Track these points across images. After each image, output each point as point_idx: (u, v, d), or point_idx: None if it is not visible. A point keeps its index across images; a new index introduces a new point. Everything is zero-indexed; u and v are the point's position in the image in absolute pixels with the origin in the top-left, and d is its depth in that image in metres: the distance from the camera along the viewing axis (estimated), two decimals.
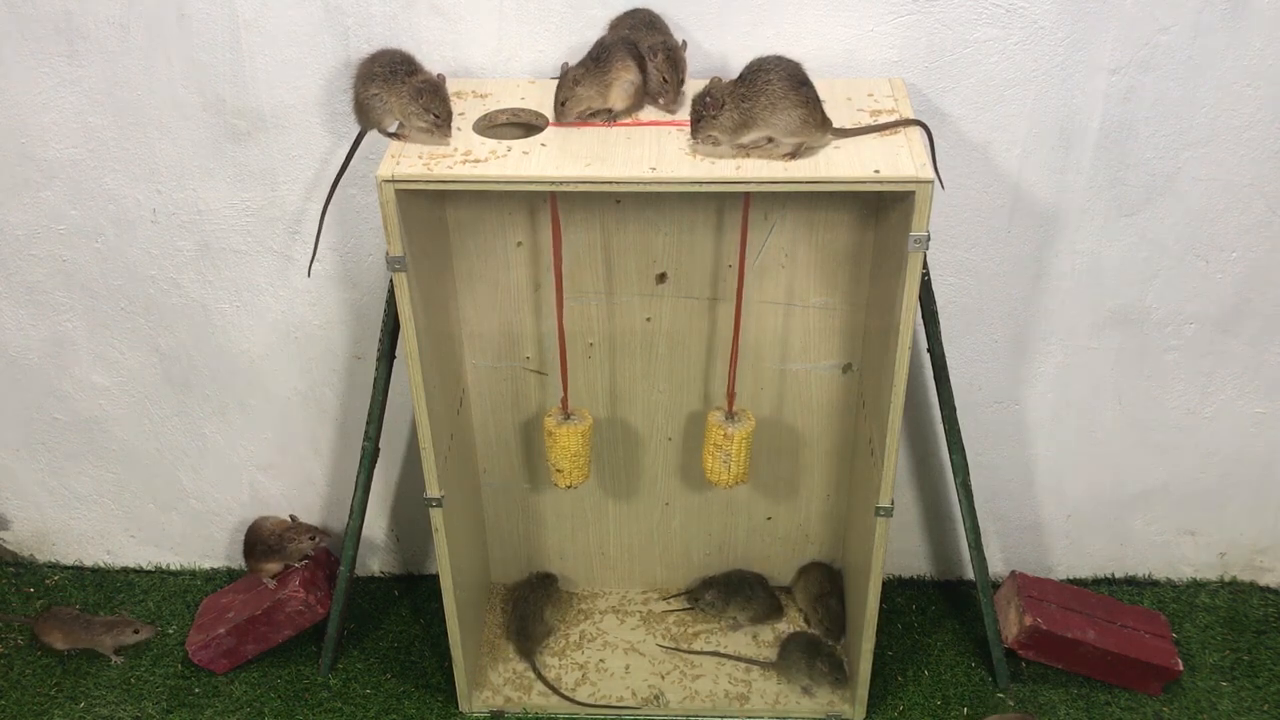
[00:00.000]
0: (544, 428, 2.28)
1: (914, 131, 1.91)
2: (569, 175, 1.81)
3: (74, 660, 2.60)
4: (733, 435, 2.23)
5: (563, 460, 2.28)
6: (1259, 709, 2.45)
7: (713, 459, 2.27)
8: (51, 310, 2.47)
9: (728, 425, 2.24)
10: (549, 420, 2.27)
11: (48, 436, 2.66)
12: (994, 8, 2.05)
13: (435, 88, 1.91)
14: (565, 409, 2.28)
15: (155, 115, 2.21)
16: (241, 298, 2.43)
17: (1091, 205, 2.24)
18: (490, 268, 2.27)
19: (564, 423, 2.26)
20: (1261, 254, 2.29)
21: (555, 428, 2.26)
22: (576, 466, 2.29)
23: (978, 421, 2.51)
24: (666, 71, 1.96)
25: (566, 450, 2.27)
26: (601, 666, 2.54)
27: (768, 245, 2.22)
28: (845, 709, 2.43)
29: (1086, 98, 2.12)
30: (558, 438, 2.26)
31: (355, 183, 2.26)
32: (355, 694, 2.52)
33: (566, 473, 2.29)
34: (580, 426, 2.26)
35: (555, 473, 2.30)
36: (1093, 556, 2.72)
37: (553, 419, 2.27)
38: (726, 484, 2.28)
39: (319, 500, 2.71)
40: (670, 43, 1.98)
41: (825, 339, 2.33)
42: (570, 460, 2.28)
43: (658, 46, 1.95)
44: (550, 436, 2.27)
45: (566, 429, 2.25)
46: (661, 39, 1.98)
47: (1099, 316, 2.38)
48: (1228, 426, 2.52)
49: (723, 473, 2.27)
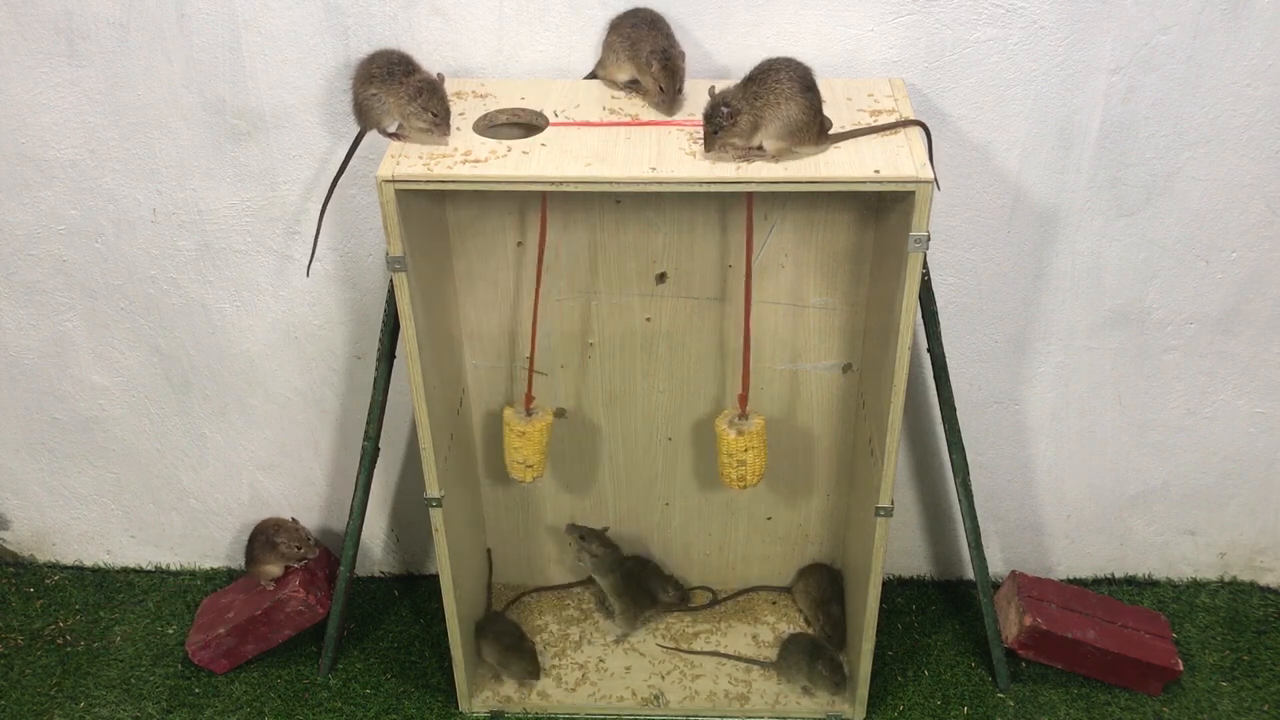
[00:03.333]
0: (508, 426, 2.28)
1: (914, 131, 1.91)
2: (569, 175, 1.81)
3: (74, 660, 2.60)
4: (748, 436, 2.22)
5: (533, 456, 2.29)
6: (1259, 709, 2.45)
7: (729, 467, 2.25)
8: (51, 310, 2.48)
9: (740, 425, 2.23)
10: (513, 418, 2.28)
11: (48, 436, 2.66)
12: (994, 8, 2.05)
13: (433, 87, 1.91)
14: (529, 405, 2.30)
15: (155, 115, 2.21)
16: (241, 298, 2.43)
17: (1091, 205, 2.24)
18: (490, 268, 2.27)
19: (529, 419, 2.28)
20: (1261, 254, 2.29)
21: (524, 425, 2.27)
22: (542, 459, 2.31)
23: (978, 421, 2.51)
24: (664, 80, 1.96)
25: (539, 445, 2.28)
26: (601, 666, 2.54)
27: (768, 245, 2.22)
28: (845, 709, 2.43)
29: (1086, 98, 2.12)
30: (530, 434, 2.27)
31: (355, 183, 2.26)
32: (355, 694, 2.52)
33: (536, 466, 2.30)
34: (545, 420, 2.29)
35: (524, 468, 2.31)
36: (1093, 556, 2.72)
37: (517, 416, 2.28)
38: (750, 485, 2.28)
39: (319, 500, 2.71)
40: (670, 50, 1.97)
41: (825, 339, 2.33)
42: (541, 454, 2.29)
43: (656, 54, 1.95)
44: (522, 436, 2.27)
45: (536, 424, 2.27)
46: (664, 43, 1.98)
47: (1099, 316, 2.38)
48: (1228, 426, 2.52)
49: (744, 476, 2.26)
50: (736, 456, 2.23)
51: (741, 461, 2.23)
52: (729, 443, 2.22)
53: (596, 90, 2.06)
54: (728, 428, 2.23)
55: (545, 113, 1.98)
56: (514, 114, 2.02)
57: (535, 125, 1.98)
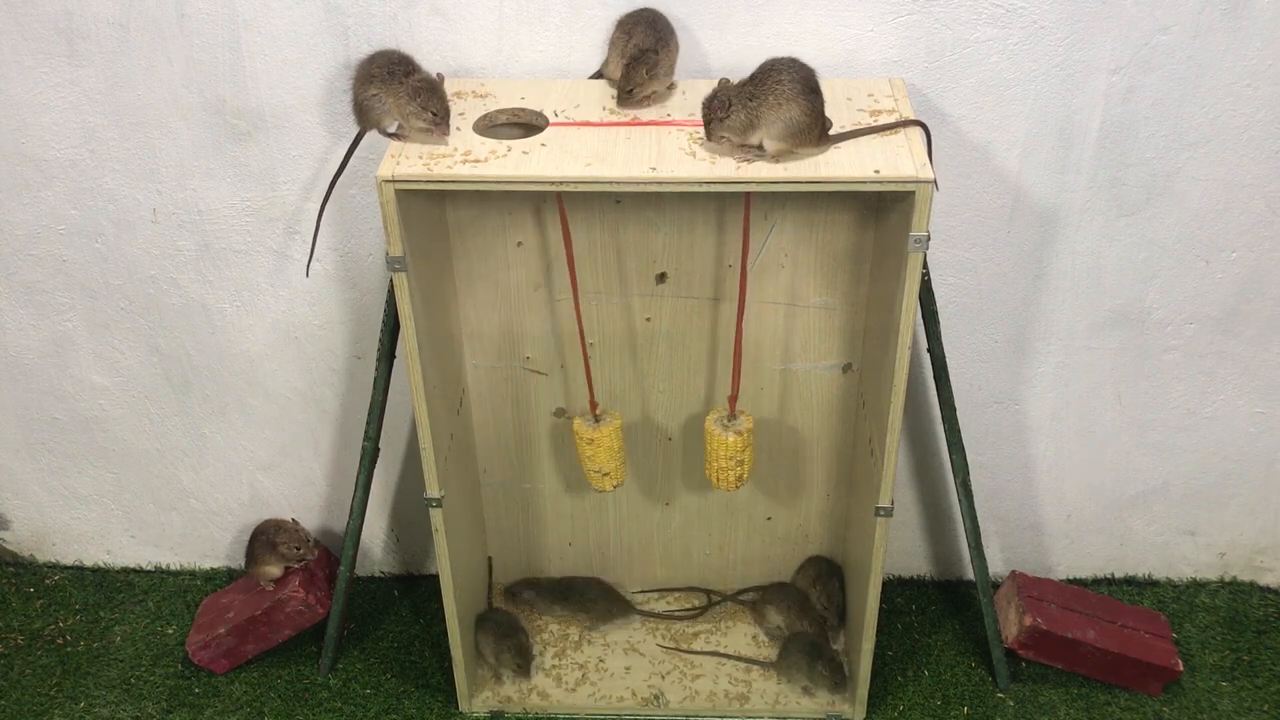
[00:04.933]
0: (579, 435, 2.26)
1: (914, 131, 1.91)
2: (569, 175, 1.81)
3: (74, 660, 2.60)
4: (735, 438, 2.22)
5: (609, 463, 2.27)
6: (1259, 709, 2.45)
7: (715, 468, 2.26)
8: (51, 310, 2.48)
9: (730, 428, 2.23)
10: (584, 427, 2.25)
11: (48, 436, 2.66)
12: (994, 8, 2.05)
13: (433, 86, 1.91)
14: (594, 411, 2.28)
15: (155, 115, 2.21)
16: (241, 298, 2.43)
17: (1091, 205, 2.24)
18: (490, 268, 2.27)
19: (598, 425, 2.26)
20: (1261, 254, 2.29)
21: (593, 433, 2.24)
22: (619, 465, 2.29)
23: (978, 421, 2.51)
24: (621, 79, 1.97)
25: (611, 450, 2.26)
26: (601, 666, 2.54)
27: (768, 245, 2.22)
28: (845, 709, 2.43)
29: (1086, 98, 2.12)
30: (599, 442, 2.25)
31: (355, 183, 2.26)
32: (355, 694, 2.52)
33: (613, 474, 2.29)
34: (615, 424, 2.26)
35: (600, 476, 2.29)
36: (1093, 556, 2.72)
37: (586, 424, 2.26)
38: (732, 488, 2.28)
39: (319, 500, 2.71)
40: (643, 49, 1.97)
41: (825, 339, 2.33)
42: (615, 460, 2.27)
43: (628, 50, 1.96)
44: (591, 444, 2.25)
45: (605, 430, 2.24)
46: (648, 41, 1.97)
47: (1099, 316, 2.38)
48: (1228, 426, 2.52)
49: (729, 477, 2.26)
50: (736, 457, 2.23)
51: (741, 461, 2.23)
52: (728, 444, 2.22)
53: (596, 90, 2.06)
54: (722, 430, 2.23)
55: (545, 113, 1.98)
56: (514, 114, 2.02)
57: (535, 125, 1.98)
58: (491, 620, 2.53)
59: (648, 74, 1.96)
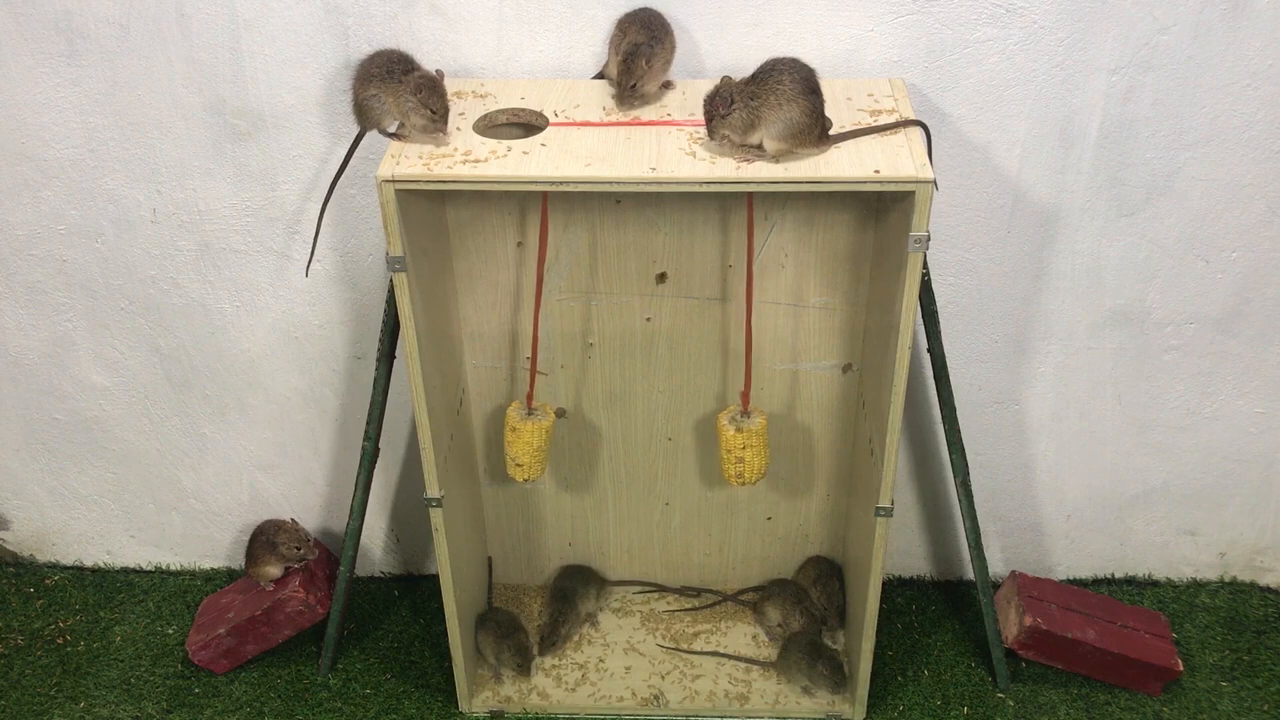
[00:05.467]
0: (507, 421, 2.28)
1: (914, 131, 1.91)
2: (569, 175, 1.81)
3: (74, 660, 2.60)
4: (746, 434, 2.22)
5: (524, 455, 2.28)
6: (1259, 709, 2.45)
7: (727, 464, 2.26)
8: (51, 310, 2.48)
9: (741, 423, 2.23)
10: (514, 415, 2.28)
11: (48, 436, 2.66)
12: (994, 8, 2.05)
13: (433, 84, 1.91)
14: (529, 405, 2.29)
15: (155, 115, 2.21)
16: (241, 298, 2.43)
17: (1091, 205, 2.24)
18: (490, 268, 2.27)
19: (527, 418, 2.27)
20: (1261, 254, 2.29)
21: (519, 424, 2.27)
22: (537, 461, 2.30)
23: (978, 421, 2.51)
24: (620, 75, 1.97)
25: (531, 446, 2.27)
26: (601, 666, 2.54)
27: (768, 245, 2.22)
28: (845, 709, 2.43)
29: (1086, 98, 2.12)
30: (521, 433, 2.27)
31: (355, 183, 2.26)
32: (355, 694, 2.52)
33: (526, 467, 2.30)
34: (544, 423, 2.27)
35: (514, 466, 2.31)
36: (1093, 557, 2.72)
37: (517, 414, 2.28)
38: (749, 483, 2.28)
39: (319, 500, 2.71)
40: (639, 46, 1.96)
41: (825, 339, 2.33)
42: (531, 455, 2.29)
43: (625, 48, 1.96)
44: (514, 432, 2.27)
45: (531, 425, 2.26)
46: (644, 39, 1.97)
47: (1099, 316, 2.38)
48: (1228, 426, 2.52)
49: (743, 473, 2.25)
50: (735, 453, 2.23)
51: (740, 459, 2.23)
52: (727, 439, 2.22)
53: (596, 90, 2.06)
54: (728, 424, 2.23)
55: (545, 113, 1.98)
56: (514, 114, 2.02)
57: (535, 125, 1.98)
58: (491, 620, 2.53)
59: (647, 64, 1.95)
